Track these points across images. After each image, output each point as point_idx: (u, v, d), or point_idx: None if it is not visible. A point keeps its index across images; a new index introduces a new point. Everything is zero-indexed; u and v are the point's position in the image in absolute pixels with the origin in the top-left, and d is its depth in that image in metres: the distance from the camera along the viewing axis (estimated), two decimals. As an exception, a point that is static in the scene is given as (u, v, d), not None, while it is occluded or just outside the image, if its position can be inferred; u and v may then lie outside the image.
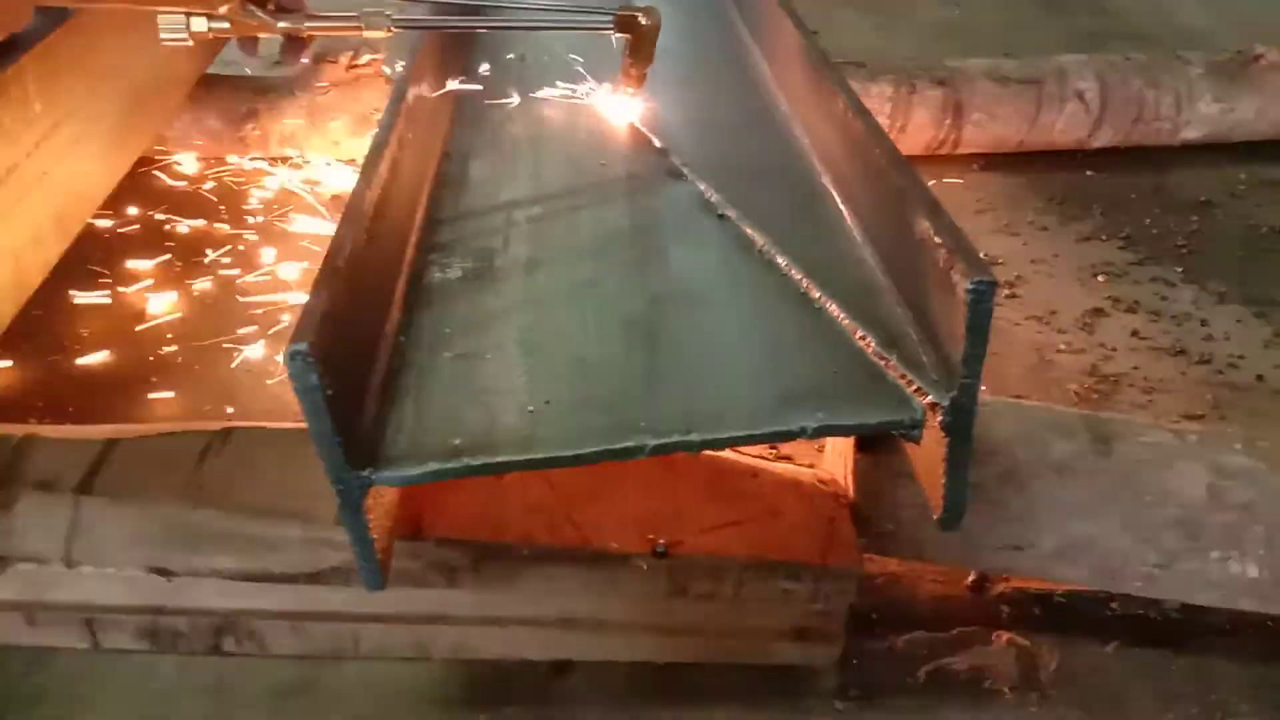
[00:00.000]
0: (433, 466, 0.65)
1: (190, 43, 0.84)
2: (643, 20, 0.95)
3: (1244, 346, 1.35)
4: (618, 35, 0.97)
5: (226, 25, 0.83)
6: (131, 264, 1.37)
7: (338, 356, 0.61)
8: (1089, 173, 1.78)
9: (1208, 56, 1.81)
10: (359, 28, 0.87)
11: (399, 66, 0.99)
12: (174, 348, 1.25)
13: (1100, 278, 1.49)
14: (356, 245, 0.69)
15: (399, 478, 0.65)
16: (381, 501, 0.68)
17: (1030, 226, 1.61)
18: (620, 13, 0.94)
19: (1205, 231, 1.63)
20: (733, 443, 0.68)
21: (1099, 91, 1.73)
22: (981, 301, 0.61)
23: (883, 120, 1.66)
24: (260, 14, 0.84)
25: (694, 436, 0.67)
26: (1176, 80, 1.76)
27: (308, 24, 0.86)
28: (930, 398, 0.66)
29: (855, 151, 0.86)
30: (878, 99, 1.65)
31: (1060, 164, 1.79)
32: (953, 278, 0.63)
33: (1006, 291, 1.43)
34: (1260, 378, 1.30)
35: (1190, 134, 1.81)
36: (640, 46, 0.98)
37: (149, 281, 1.34)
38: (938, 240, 0.66)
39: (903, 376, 0.69)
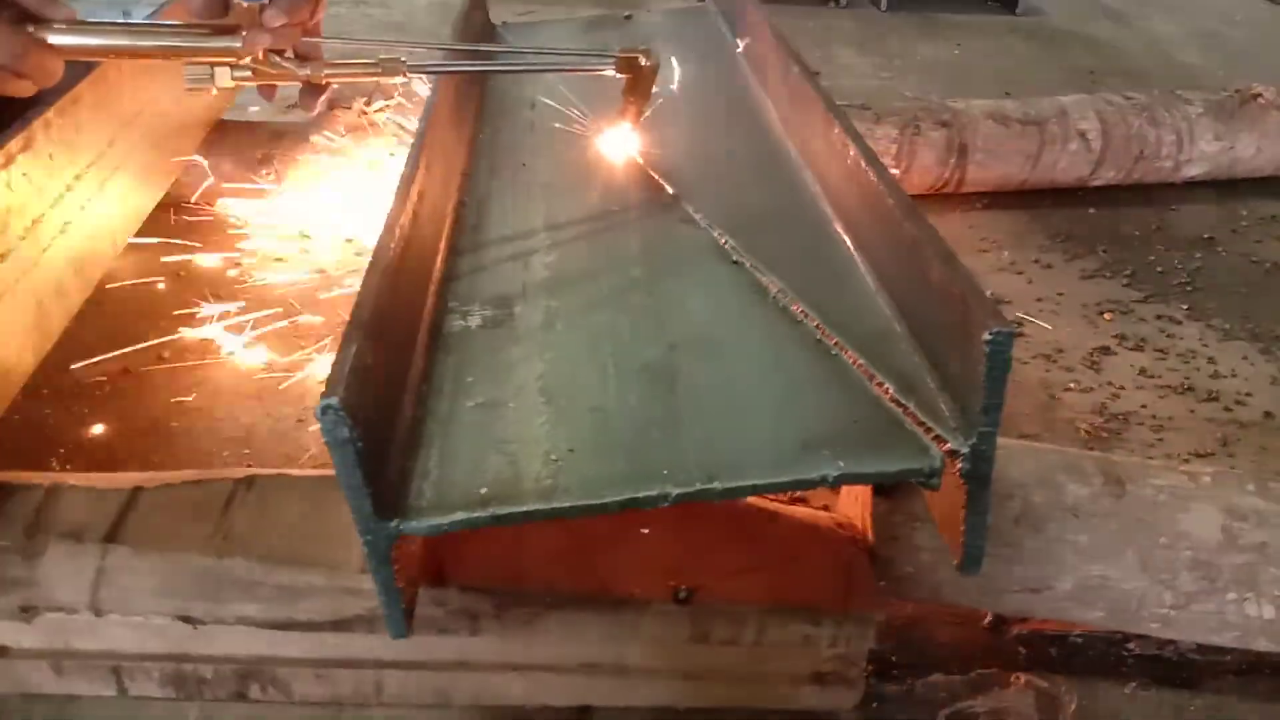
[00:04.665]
0: (459, 516, 0.66)
1: (215, 91, 0.86)
2: (643, 61, 0.99)
3: (1250, 383, 1.37)
4: (619, 76, 1.00)
5: (250, 74, 0.85)
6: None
7: (367, 409, 0.62)
8: (1092, 210, 1.79)
9: (1206, 95, 1.83)
10: (377, 73, 0.89)
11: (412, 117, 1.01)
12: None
13: (1106, 315, 1.50)
14: (382, 297, 0.70)
15: (426, 527, 0.66)
16: (407, 551, 0.69)
17: (1035, 265, 1.63)
18: (621, 55, 0.97)
19: (1208, 268, 1.64)
20: (755, 491, 0.68)
21: (1100, 131, 1.75)
22: (1001, 352, 0.62)
23: (888, 161, 1.68)
24: (283, 63, 0.85)
25: (716, 485, 0.67)
26: (1177, 119, 1.78)
27: (328, 71, 0.88)
28: (949, 445, 0.67)
29: (867, 199, 0.88)
30: (883, 140, 1.67)
31: (1063, 202, 1.81)
32: (971, 328, 0.64)
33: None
34: (1268, 414, 1.31)
35: (1191, 171, 1.83)
36: (639, 86, 1.02)
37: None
38: (954, 290, 0.67)
39: (921, 424, 0.70)
